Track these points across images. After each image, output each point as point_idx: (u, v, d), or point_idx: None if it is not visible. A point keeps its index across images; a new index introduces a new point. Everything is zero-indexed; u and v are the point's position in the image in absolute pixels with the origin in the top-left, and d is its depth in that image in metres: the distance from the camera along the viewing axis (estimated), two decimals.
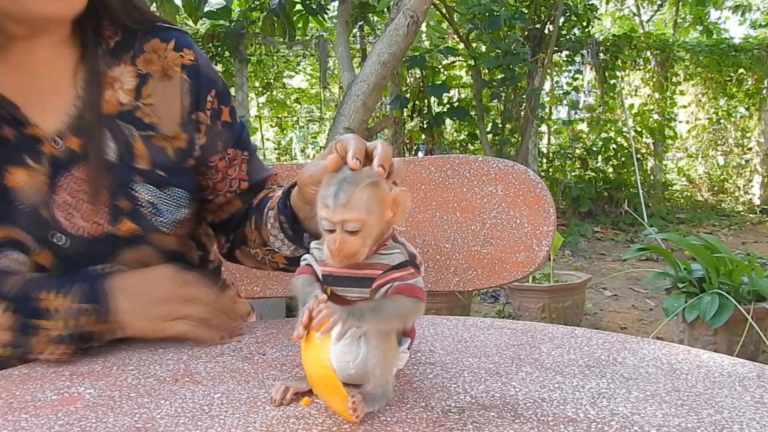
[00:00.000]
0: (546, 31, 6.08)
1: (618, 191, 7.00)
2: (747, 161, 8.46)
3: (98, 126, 0.90)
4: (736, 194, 8.43)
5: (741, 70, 7.98)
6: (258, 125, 7.30)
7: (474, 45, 6.11)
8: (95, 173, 0.89)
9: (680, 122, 8.24)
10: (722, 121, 8.33)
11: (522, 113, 6.04)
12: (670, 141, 8.01)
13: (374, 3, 4.76)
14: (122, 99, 0.93)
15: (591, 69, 7.24)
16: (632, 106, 7.56)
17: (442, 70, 6.43)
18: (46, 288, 0.86)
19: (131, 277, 0.90)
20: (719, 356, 0.82)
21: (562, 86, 7.19)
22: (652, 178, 7.61)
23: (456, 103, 6.31)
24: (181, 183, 0.96)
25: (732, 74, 8.00)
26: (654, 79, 7.75)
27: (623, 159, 7.05)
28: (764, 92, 8.12)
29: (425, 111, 6.01)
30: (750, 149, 8.45)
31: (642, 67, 7.75)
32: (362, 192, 0.63)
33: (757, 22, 9.78)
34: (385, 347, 0.66)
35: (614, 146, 7.09)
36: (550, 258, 3.58)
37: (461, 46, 6.20)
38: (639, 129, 7.48)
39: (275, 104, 7.63)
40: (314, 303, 0.64)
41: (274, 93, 7.51)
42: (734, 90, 8.15)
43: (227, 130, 1.02)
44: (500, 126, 6.09)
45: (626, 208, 6.46)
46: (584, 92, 7.42)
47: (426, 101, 5.98)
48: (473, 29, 5.86)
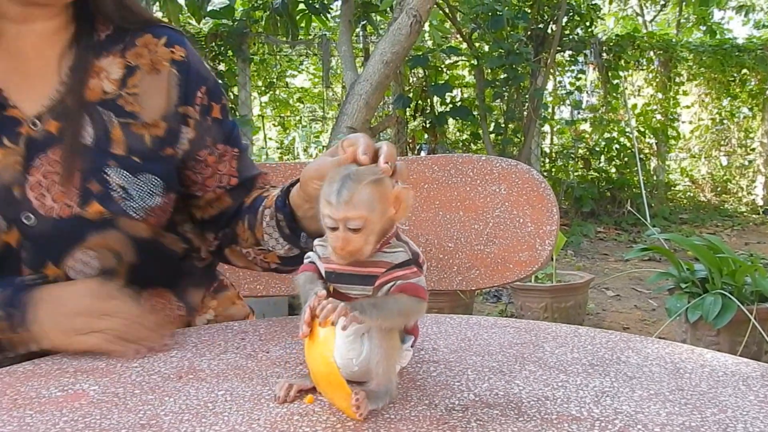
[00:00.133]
0: (549, 31, 6.08)
1: (621, 191, 7.00)
2: (750, 162, 8.45)
3: (77, 110, 0.93)
4: (739, 195, 8.42)
5: (744, 71, 7.97)
6: (261, 124, 7.30)
7: (477, 45, 6.11)
8: (68, 155, 0.91)
9: (683, 122, 8.23)
10: (725, 122, 8.32)
11: (525, 113, 6.04)
12: (673, 141, 8.00)
13: (377, 2, 4.76)
14: (106, 88, 0.96)
15: (594, 69, 7.24)
16: (635, 106, 7.56)
17: (445, 70, 6.44)
18: None
19: (54, 290, 0.90)
20: (723, 355, 0.81)
21: (565, 86, 7.19)
22: (655, 179, 7.61)
23: (459, 103, 6.31)
24: (156, 170, 0.96)
25: (735, 74, 7.99)
26: (657, 79, 7.74)
27: (626, 159, 7.05)
28: None
29: (428, 110, 6.01)
30: (753, 150, 8.44)
31: (645, 67, 7.74)
32: (365, 189, 0.63)
33: (761, 23, 9.76)
34: (388, 345, 0.67)
35: (617, 146, 7.09)
36: (553, 258, 3.57)
37: (464, 46, 6.20)
38: (642, 129, 7.47)
39: (278, 103, 7.64)
40: (315, 300, 0.65)
41: (277, 92, 7.52)
42: (737, 90, 8.14)
43: (217, 126, 1.03)
44: (503, 126, 6.09)
45: (629, 209, 6.45)
46: (587, 92, 7.41)
47: (429, 101, 5.99)
48: (476, 29, 5.86)
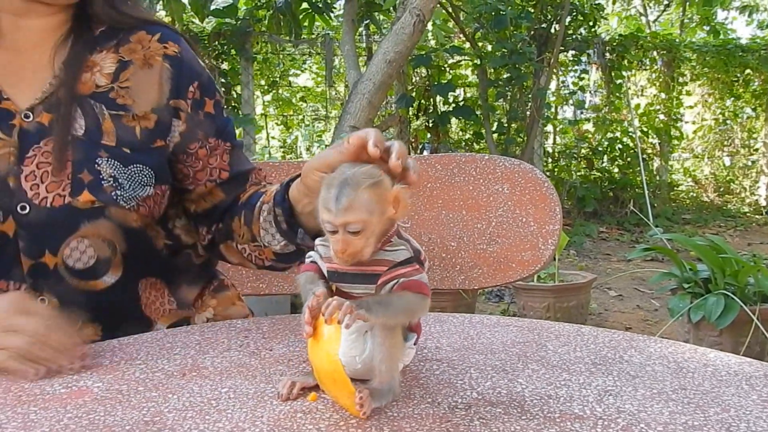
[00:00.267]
0: (552, 31, 6.07)
1: (623, 191, 6.99)
2: (753, 162, 8.43)
3: (69, 103, 0.95)
4: (742, 195, 8.40)
5: (748, 71, 7.95)
6: (264, 123, 7.31)
7: (480, 44, 6.11)
8: (60, 146, 0.93)
9: (686, 123, 8.22)
10: (729, 122, 8.31)
11: (528, 113, 6.03)
12: (676, 141, 7.99)
13: (380, 1, 4.75)
14: (99, 82, 0.99)
15: (597, 69, 7.23)
16: (638, 106, 7.54)
17: (448, 69, 6.43)
18: None
19: None
20: (726, 355, 0.81)
21: (568, 86, 7.18)
22: (658, 179, 7.60)
23: (461, 103, 6.31)
24: (146, 161, 0.98)
25: (739, 75, 7.98)
26: (660, 80, 7.72)
27: (629, 159, 7.04)
28: None
29: (431, 110, 6.01)
30: (756, 150, 8.43)
31: (648, 67, 7.73)
32: (363, 194, 0.63)
33: (765, 23, 9.74)
34: (391, 343, 0.67)
35: (620, 146, 7.08)
36: (556, 258, 3.57)
37: (467, 45, 6.20)
38: (645, 129, 7.46)
39: (281, 102, 7.64)
40: (314, 299, 0.65)
41: (280, 91, 7.52)
42: (741, 90, 8.12)
43: (210, 121, 1.05)
44: (506, 125, 6.09)
45: (632, 209, 6.44)
46: (590, 92, 7.40)
47: (431, 100, 5.99)
48: (479, 28, 5.86)
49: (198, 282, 1.12)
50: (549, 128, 7.37)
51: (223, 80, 5.99)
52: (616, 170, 7.18)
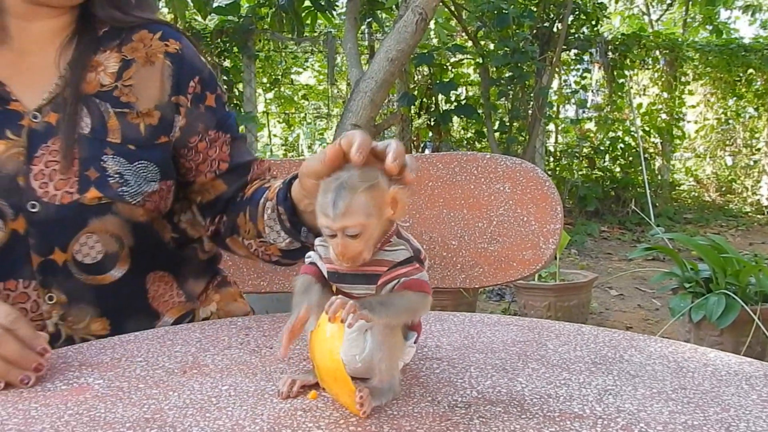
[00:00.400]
0: (555, 30, 6.06)
1: (625, 191, 6.98)
2: (755, 162, 8.42)
3: (75, 103, 0.97)
4: (744, 195, 8.39)
5: (750, 71, 7.94)
6: (265, 121, 7.31)
7: (482, 43, 6.10)
8: (67, 145, 0.95)
9: (688, 122, 8.21)
10: (731, 122, 8.30)
11: (530, 112, 6.02)
12: (678, 141, 7.98)
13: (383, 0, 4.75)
14: (103, 81, 1.00)
15: (599, 68, 7.22)
16: (640, 106, 7.53)
17: (450, 68, 6.42)
18: None
19: None
20: (726, 355, 0.82)
21: (571, 85, 7.16)
22: (660, 178, 7.59)
23: (463, 101, 6.30)
24: (151, 157, 1.00)
25: (741, 74, 7.96)
26: (663, 79, 7.71)
27: (631, 158, 7.03)
28: None
29: (433, 108, 6.00)
30: (758, 150, 8.41)
31: (651, 67, 7.72)
32: (360, 197, 0.63)
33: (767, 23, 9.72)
34: (392, 342, 0.67)
35: (622, 145, 7.07)
36: (557, 257, 3.57)
37: (469, 44, 6.19)
38: (647, 128, 7.45)
39: (283, 100, 7.64)
40: (297, 322, 0.67)
41: (282, 89, 7.52)
42: (743, 90, 8.10)
43: (210, 114, 1.07)
44: (508, 124, 6.08)
45: (633, 208, 6.43)
46: (592, 91, 7.39)
47: (434, 99, 5.98)
48: (482, 27, 5.85)
49: (204, 276, 1.14)
50: (551, 127, 7.36)
51: (225, 78, 5.99)
52: (618, 169, 7.17)
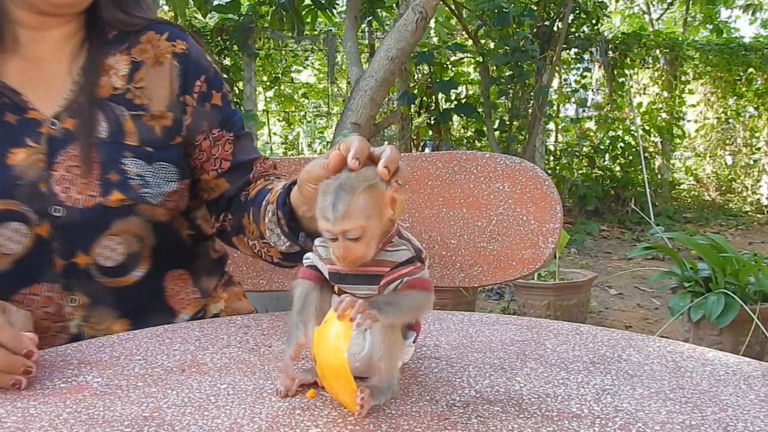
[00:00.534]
0: (555, 29, 6.06)
1: (625, 190, 6.98)
2: (755, 161, 8.42)
3: (91, 108, 0.98)
4: (744, 194, 8.39)
5: (751, 70, 7.94)
6: (265, 119, 7.30)
7: (482, 41, 6.09)
8: (86, 149, 0.96)
9: (689, 121, 8.20)
10: (731, 121, 8.29)
11: (530, 110, 6.02)
12: (678, 140, 7.98)
13: None
14: (116, 84, 1.02)
15: (600, 67, 7.21)
16: (640, 105, 7.53)
17: (450, 67, 6.42)
18: None
19: None
20: (724, 354, 0.82)
21: (571, 84, 7.16)
22: (660, 177, 7.59)
23: (463, 100, 6.30)
24: (169, 158, 1.02)
25: (741, 73, 7.96)
26: (663, 78, 7.71)
27: (631, 157, 7.03)
28: None
29: (433, 107, 6.00)
30: (758, 149, 8.41)
31: (651, 66, 7.71)
32: (359, 199, 0.63)
33: None
34: (391, 341, 0.67)
35: (622, 145, 7.07)
36: (556, 256, 3.57)
37: (470, 43, 6.19)
38: (647, 128, 7.45)
39: (283, 99, 7.64)
40: (289, 369, 0.69)
41: (282, 87, 7.52)
42: (743, 89, 8.10)
43: (215, 112, 1.08)
44: (508, 123, 6.08)
45: (633, 207, 6.43)
46: (592, 90, 7.38)
47: (433, 97, 5.98)
48: (482, 26, 5.85)
49: (215, 274, 1.16)
50: (551, 126, 7.36)
51: (225, 76, 5.98)
52: (618, 168, 7.17)
